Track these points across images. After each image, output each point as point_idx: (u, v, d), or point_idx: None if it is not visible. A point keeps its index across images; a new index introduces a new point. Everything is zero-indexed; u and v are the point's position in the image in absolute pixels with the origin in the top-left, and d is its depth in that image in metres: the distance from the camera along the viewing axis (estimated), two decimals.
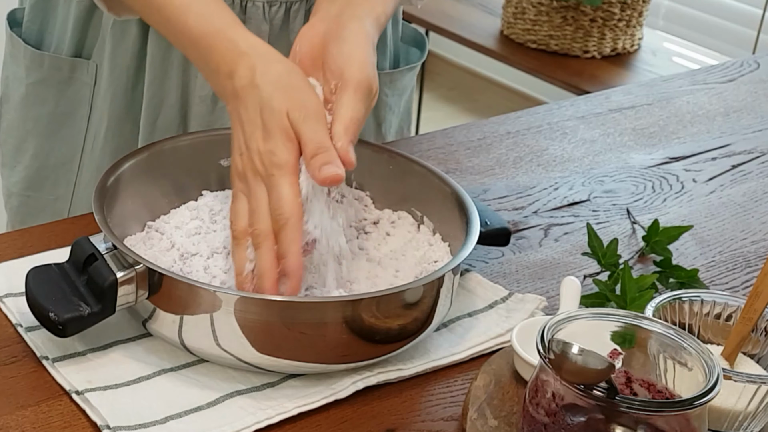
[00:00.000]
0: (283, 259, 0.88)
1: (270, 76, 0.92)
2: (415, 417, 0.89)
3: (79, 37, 1.19)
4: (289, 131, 0.90)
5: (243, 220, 0.91)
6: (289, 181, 0.89)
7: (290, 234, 0.88)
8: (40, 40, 1.22)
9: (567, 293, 0.97)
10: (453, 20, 2.98)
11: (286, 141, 0.89)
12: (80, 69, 1.19)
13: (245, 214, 0.91)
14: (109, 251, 0.88)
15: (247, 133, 0.91)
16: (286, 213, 0.88)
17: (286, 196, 0.88)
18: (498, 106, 3.51)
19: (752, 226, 1.23)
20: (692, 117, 1.49)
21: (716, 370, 0.76)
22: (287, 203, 0.88)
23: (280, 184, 0.89)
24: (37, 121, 1.23)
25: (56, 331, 0.86)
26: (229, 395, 0.88)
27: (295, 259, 0.88)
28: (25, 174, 1.25)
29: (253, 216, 0.90)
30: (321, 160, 0.89)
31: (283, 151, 0.89)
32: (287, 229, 0.88)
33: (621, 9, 2.74)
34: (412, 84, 1.34)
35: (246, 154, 0.91)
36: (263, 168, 0.89)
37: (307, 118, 0.90)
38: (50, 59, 1.20)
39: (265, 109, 0.90)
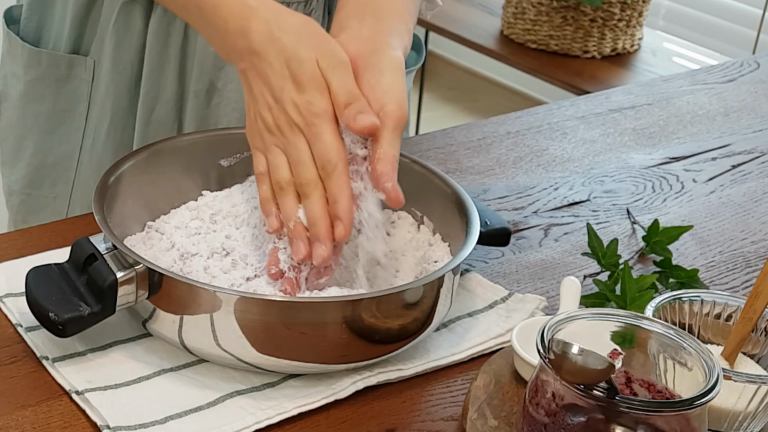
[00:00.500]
0: (336, 204, 0.89)
1: (289, 27, 0.92)
2: (415, 417, 0.89)
3: (77, 34, 1.19)
4: (321, 80, 0.90)
5: (284, 171, 0.91)
6: (330, 128, 0.89)
7: (340, 179, 0.89)
8: (38, 38, 1.22)
9: (567, 293, 0.97)
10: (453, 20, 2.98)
11: (321, 89, 0.90)
12: (78, 66, 1.19)
13: (285, 165, 0.91)
14: (109, 251, 0.88)
15: (276, 87, 0.91)
16: (333, 159, 0.89)
17: (331, 143, 0.89)
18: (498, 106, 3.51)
19: (752, 226, 1.23)
20: (692, 117, 1.49)
21: (716, 370, 0.76)
22: (333, 149, 0.89)
23: (323, 132, 0.89)
24: (36, 118, 1.23)
25: (56, 331, 0.86)
26: (229, 395, 0.88)
27: (347, 202, 0.89)
28: (26, 172, 1.26)
29: (298, 166, 0.90)
30: (355, 109, 0.89)
31: (321, 100, 0.89)
32: (336, 175, 0.89)
33: (621, 9, 2.74)
34: (409, 87, 1.34)
35: (277, 107, 0.91)
36: (301, 118, 0.90)
37: (335, 67, 0.90)
38: (48, 56, 1.20)
39: (292, 60, 0.90)
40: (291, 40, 0.91)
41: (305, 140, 0.90)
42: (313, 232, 0.90)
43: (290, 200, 0.91)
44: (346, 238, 0.90)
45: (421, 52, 1.33)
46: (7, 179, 1.28)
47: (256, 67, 0.92)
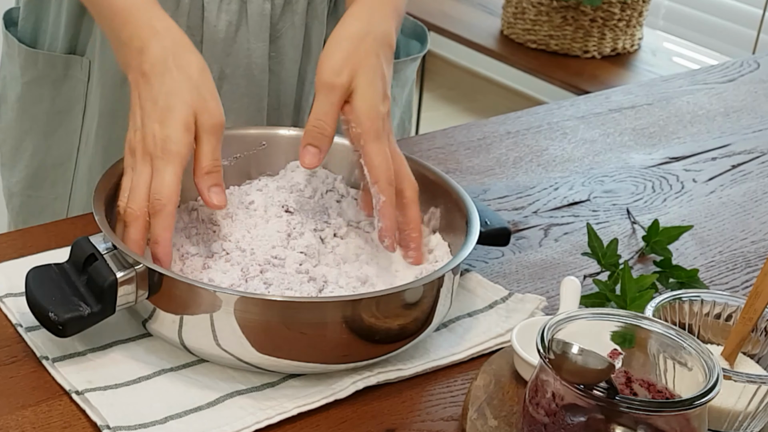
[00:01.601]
0: (156, 245, 0.90)
1: (186, 67, 0.94)
2: (415, 417, 0.89)
3: (72, 34, 1.19)
4: (191, 125, 0.92)
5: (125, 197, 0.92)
6: (174, 169, 0.91)
7: (164, 221, 0.90)
8: (35, 39, 1.22)
9: (567, 293, 0.97)
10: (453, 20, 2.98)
11: (185, 132, 0.92)
12: (74, 66, 1.20)
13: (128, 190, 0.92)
14: (109, 251, 0.88)
15: (146, 113, 0.93)
16: (164, 198, 0.90)
17: (168, 182, 0.90)
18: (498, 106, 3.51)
19: (752, 226, 1.23)
20: (692, 117, 1.49)
21: (716, 370, 0.76)
22: (167, 188, 0.90)
23: (166, 170, 0.90)
24: (34, 120, 1.23)
25: (56, 331, 0.86)
26: (229, 395, 0.88)
27: (165, 246, 0.90)
28: (25, 173, 1.26)
29: (132, 192, 0.91)
30: (212, 180, 0.92)
31: (179, 141, 0.91)
32: (162, 216, 0.90)
33: (621, 9, 2.74)
34: (413, 77, 1.34)
35: (140, 131, 0.93)
36: (154, 149, 0.91)
37: (210, 129, 0.93)
38: (44, 57, 1.20)
39: (172, 97, 0.92)
40: (181, 80, 0.93)
41: (150, 171, 0.91)
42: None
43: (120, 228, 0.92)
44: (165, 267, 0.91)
45: (424, 41, 1.33)
46: (7, 181, 1.28)
47: (139, 87, 0.95)
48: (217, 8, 1.13)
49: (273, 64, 1.18)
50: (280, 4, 1.15)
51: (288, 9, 1.16)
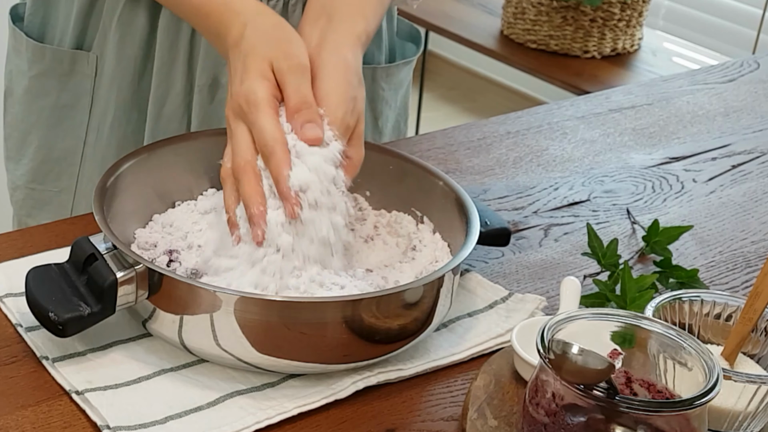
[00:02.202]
0: (277, 183, 0.91)
1: (258, 28, 0.96)
2: (415, 417, 0.89)
3: (80, 30, 1.20)
4: (267, 72, 0.93)
5: (227, 161, 0.94)
6: (266, 115, 0.92)
7: (278, 160, 0.91)
8: (42, 34, 1.23)
9: (567, 293, 0.97)
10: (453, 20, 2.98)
11: (261, 79, 0.93)
12: (81, 61, 1.20)
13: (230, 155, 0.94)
14: (109, 251, 0.88)
15: (233, 80, 0.95)
16: (270, 142, 0.91)
17: (266, 127, 0.91)
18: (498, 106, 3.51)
19: (752, 226, 1.23)
20: (692, 117, 1.49)
21: (716, 370, 0.76)
22: (269, 133, 0.91)
23: (259, 119, 0.92)
24: (40, 113, 1.24)
25: (56, 331, 0.86)
26: (229, 395, 0.88)
27: (285, 183, 0.90)
28: (30, 167, 1.26)
29: (235, 151, 0.93)
30: (304, 117, 0.93)
31: (258, 89, 0.92)
32: (275, 156, 0.91)
33: (621, 9, 2.74)
34: (408, 79, 1.34)
35: (230, 99, 0.94)
36: (239, 109, 0.93)
37: (291, 69, 0.94)
38: (52, 52, 1.21)
39: (248, 57, 0.94)
40: (254, 39, 0.95)
41: (246, 128, 0.93)
42: (248, 214, 0.91)
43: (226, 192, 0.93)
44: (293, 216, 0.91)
45: (419, 43, 1.33)
46: (12, 174, 1.29)
47: (228, 66, 0.97)
48: None
49: None
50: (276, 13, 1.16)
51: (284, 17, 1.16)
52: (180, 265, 0.95)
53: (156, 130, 1.19)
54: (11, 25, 1.25)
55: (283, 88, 0.93)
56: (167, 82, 1.18)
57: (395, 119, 1.34)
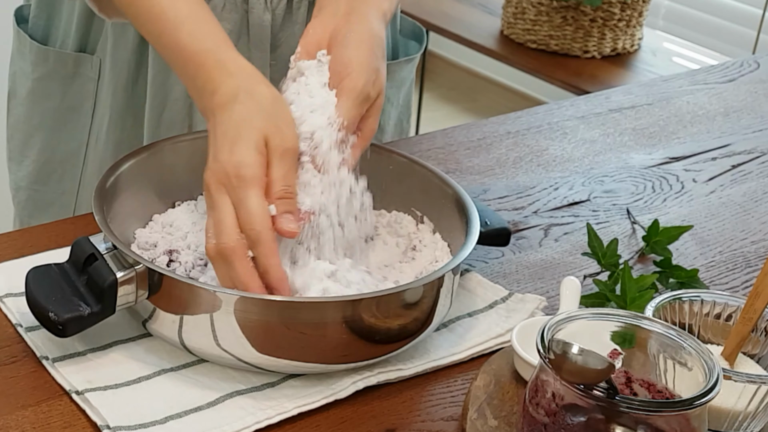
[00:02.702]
0: (266, 274, 0.87)
1: (255, 97, 0.91)
2: (415, 417, 0.89)
3: (83, 33, 1.20)
4: (261, 147, 0.89)
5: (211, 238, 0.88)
6: (256, 193, 0.87)
7: (266, 249, 0.87)
8: (46, 36, 1.24)
9: (567, 293, 0.97)
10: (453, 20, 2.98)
11: (256, 153, 0.88)
12: (84, 64, 1.20)
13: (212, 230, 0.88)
14: (109, 251, 0.88)
15: (218, 146, 0.90)
16: (257, 227, 0.86)
17: (254, 210, 0.87)
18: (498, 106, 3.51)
19: (752, 226, 1.23)
20: (692, 117, 1.49)
21: (716, 370, 0.76)
22: (257, 217, 0.86)
23: (248, 197, 0.87)
24: (43, 115, 1.24)
25: (56, 331, 0.86)
26: (229, 395, 0.88)
27: (277, 272, 0.87)
28: (33, 168, 1.27)
29: (218, 229, 0.87)
30: (285, 207, 0.88)
31: (252, 163, 0.88)
32: (262, 244, 0.86)
33: (621, 9, 2.74)
34: (411, 77, 1.34)
35: (213, 166, 0.89)
36: (228, 180, 0.88)
37: (284, 153, 0.89)
38: (55, 54, 1.21)
39: (242, 125, 0.89)
40: (250, 107, 0.90)
41: (229, 202, 0.88)
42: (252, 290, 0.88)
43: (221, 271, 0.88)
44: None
45: (422, 41, 1.33)
46: (15, 176, 1.29)
47: (212, 125, 0.92)
48: (218, 17, 1.13)
49: (273, 73, 1.18)
50: (280, 15, 1.16)
51: (288, 19, 1.16)
52: (180, 265, 0.95)
53: (155, 136, 1.19)
54: (16, 26, 1.26)
55: (270, 168, 0.89)
56: (164, 89, 1.17)
57: (398, 117, 1.34)
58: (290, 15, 1.16)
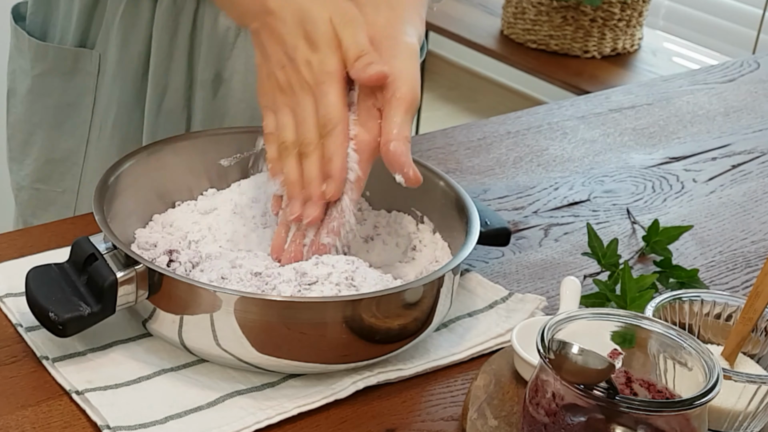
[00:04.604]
0: (330, 162, 0.91)
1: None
2: (415, 417, 0.89)
3: (83, 28, 1.20)
4: (334, 39, 0.92)
5: (290, 131, 0.92)
6: (338, 87, 0.91)
7: (339, 138, 0.90)
8: (44, 32, 1.23)
9: (567, 293, 0.97)
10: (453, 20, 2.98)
11: (334, 49, 0.91)
12: (84, 59, 1.20)
13: (291, 126, 0.92)
14: (109, 251, 0.88)
15: (290, 45, 0.92)
16: (335, 118, 0.90)
17: (335, 102, 0.91)
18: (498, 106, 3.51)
19: (752, 226, 1.23)
20: (692, 117, 1.49)
21: (716, 370, 0.76)
22: (336, 109, 0.91)
23: (330, 92, 0.91)
24: (43, 113, 1.24)
25: (56, 331, 0.86)
26: (229, 395, 0.88)
27: (341, 162, 0.91)
28: (34, 167, 1.27)
29: (302, 126, 0.92)
30: (365, 61, 0.91)
31: (332, 59, 0.91)
32: (335, 134, 0.90)
33: (621, 9, 2.74)
34: None
35: (290, 65, 0.92)
36: (312, 77, 0.91)
37: (347, 23, 0.92)
38: (54, 50, 1.21)
39: (306, 19, 0.92)
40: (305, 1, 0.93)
41: (313, 100, 0.92)
42: (306, 193, 0.92)
43: (292, 161, 0.93)
44: (336, 196, 0.92)
45: (423, 46, 1.33)
46: (16, 175, 1.29)
47: (270, 26, 0.93)
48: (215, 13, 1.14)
49: None
50: None
51: None
52: (180, 265, 0.95)
53: (155, 126, 1.19)
54: (13, 24, 1.25)
55: (340, 40, 0.92)
56: (166, 78, 1.18)
57: None
58: None
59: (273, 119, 0.94)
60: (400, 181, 0.91)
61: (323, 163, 0.92)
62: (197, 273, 0.94)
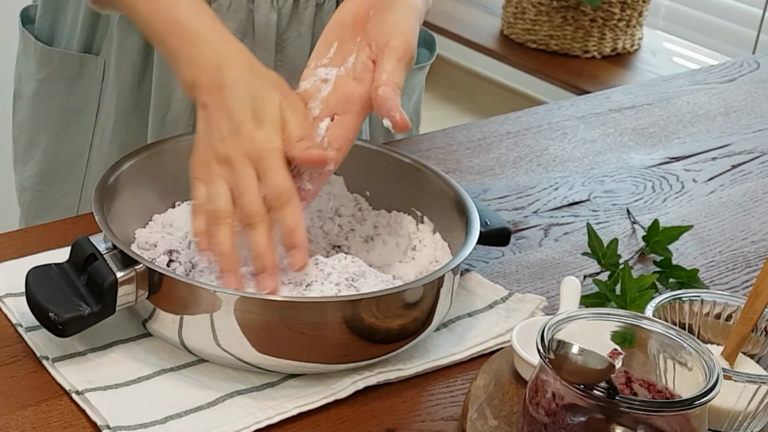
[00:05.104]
0: (292, 233, 0.90)
1: (261, 73, 0.95)
2: (415, 417, 0.89)
3: (88, 33, 1.20)
4: (281, 121, 0.92)
5: (225, 201, 0.91)
6: (282, 164, 0.91)
7: (294, 209, 0.90)
8: (51, 37, 1.24)
9: (567, 293, 0.97)
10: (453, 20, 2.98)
11: (278, 130, 0.92)
12: (89, 65, 1.21)
13: (226, 196, 0.91)
14: (109, 251, 0.88)
15: (236, 120, 0.92)
16: (287, 191, 0.90)
17: (285, 175, 0.91)
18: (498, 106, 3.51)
19: (752, 226, 1.23)
20: (692, 117, 1.49)
21: (716, 370, 0.76)
22: (286, 182, 0.90)
23: (276, 166, 0.91)
24: (48, 116, 1.24)
25: (56, 331, 0.86)
26: (229, 395, 0.88)
27: (303, 231, 0.91)
28: (37, 169, 1.27)
29: (246, 197, 0.91)
30: (306, 144, 0.92)
31: (277, 138, 0.91)
32: (291, 205, 0.90)
33: (621, 9, 2.74)
34: (421, 85, 1.35)
35: (232, 139, 0.92)
36: (255, 152, 0.91)
37: (295, 111, 0.93)
38: (60, 55, 1.21)
39: (258, 98, 0.92)
40: (261, 82, 0.94)
41: (254, 173, 0.91)
42: (259, 264, 0.90)
43: (226, 233, 0.91)
44: (304, 265, 0.91)
45: (433, 49, 1.33)
46: (20, 176, 1.30)
47: (221, 100, 0.93)
48: (223, 16, 1.14)
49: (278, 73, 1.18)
50: (287, 14, 1.16)
51: (295, 19, 1.16)
52: (180, 265, 0.95)
53: (160, 137, 1.19)
54: (21, 27, 1.26)
55: (285, 124, 0.92)
56: (169, 88, 1.17)
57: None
58: (296, 15, 1.16)
59: (204, 191, 0.93)
60: (387, 125, 0.92)
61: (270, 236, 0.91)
62: (197, 273, 0.94)
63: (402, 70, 0.93)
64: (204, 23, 0.97)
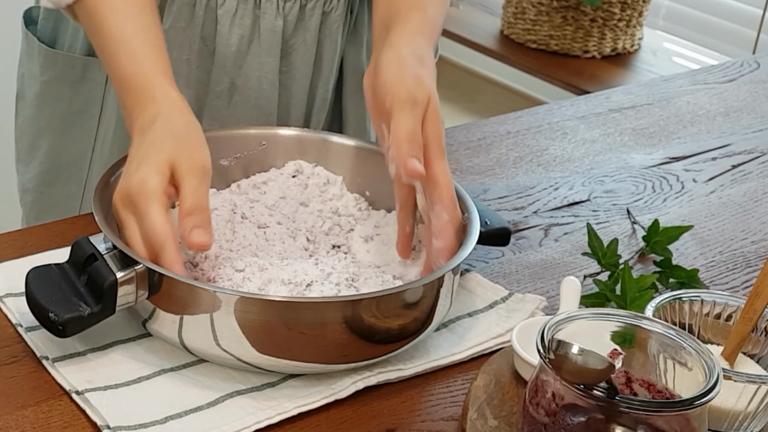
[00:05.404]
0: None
1: (168, 125, 0.94)
2: (415, 417, 0.89)
3: None
4: (164, 169, 0.90)
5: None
6: (155, 207, 0.89)
7: (170, 257, 0.88)
8: (55, 39, 1.24)
9: (567, 293, 0.97)
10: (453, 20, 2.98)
11: (156, 172, 0.90)
12: (92, 68, 1.20)
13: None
14: (109, 251, 0.88)
15: (127, 168, 0.92)
16: (160, 237, 0.88)
17: (155, 221, 0.88)
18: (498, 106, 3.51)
19: (752, 226, 1.23)
20: (692, 117, 1.49)
21: (716, 370, 0.76)
22: (159, 227, 0.88)
23: (148, 212, 0.89)
24: (50, 118, 1.24)
25: (56, 331, 0.86)
26: (229, 395, 0.88)
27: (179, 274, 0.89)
28: (40, 170, 1.27)
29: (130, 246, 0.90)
30: (193, 222, 0.89)
31: (151, 181, 0.89)
32: (165, 252, 0.88)
33: (621, 9, 2.74)
34: None
35: (120, 186, 0.92)
36: (129, 198, 0.90)
37: (191, 171, 0.91)
38: (64, 58, 1.21)
39: (151, 148, 0.92)
40: (161, 133, 0.93)
41: (134, 221, 0.90)
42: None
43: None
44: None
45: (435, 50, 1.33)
46: (22, 177, 1.30)
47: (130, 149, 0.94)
48: (230, 22, 1.14)
49: (284, 79, 1.18)
50: (292, 21, 1.16)
51: (300, 26, 1.16)
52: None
53: None
54: (24, 29, 1.26)
55: (180, 188, 0.91)
56: None
57: None
58: (302, 22, 1.16)
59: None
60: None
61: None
62: (197, 273, 0.94)
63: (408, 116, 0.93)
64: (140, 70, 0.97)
